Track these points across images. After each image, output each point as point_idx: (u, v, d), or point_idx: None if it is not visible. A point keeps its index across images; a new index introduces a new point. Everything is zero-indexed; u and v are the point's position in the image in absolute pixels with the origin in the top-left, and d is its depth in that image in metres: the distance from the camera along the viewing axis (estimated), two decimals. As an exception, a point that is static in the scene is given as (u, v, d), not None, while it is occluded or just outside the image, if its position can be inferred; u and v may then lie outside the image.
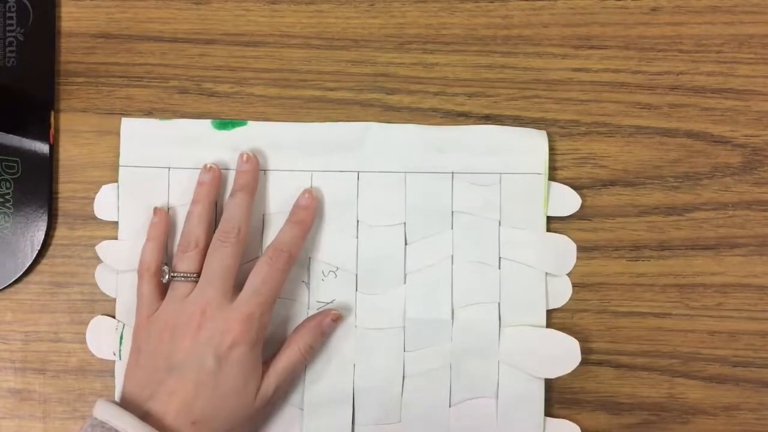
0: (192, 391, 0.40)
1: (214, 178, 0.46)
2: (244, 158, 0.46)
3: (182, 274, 0.43)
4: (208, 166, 0.46)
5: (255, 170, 0.46)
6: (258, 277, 0.42)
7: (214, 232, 0.44)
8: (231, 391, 0.40)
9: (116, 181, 0.47)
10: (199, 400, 0.40)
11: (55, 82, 0.48)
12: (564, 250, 0.47)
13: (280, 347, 0.44)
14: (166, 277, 0.44)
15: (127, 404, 0.40)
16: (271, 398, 0.43)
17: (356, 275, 0.47)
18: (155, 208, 0.46)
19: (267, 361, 0.44)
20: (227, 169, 0.47)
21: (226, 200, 0.45)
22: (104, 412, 0.39)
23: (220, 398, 0.40)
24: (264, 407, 0.43)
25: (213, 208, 0.46)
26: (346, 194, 0.47)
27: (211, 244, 0.43)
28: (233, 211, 0.44)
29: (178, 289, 0.43)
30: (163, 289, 0.44)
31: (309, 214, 0.45)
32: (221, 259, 0.42)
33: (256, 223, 0.47)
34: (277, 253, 0.43)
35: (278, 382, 0.43)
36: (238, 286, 0.43)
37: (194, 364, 0.40)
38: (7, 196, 0.48)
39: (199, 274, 0.43)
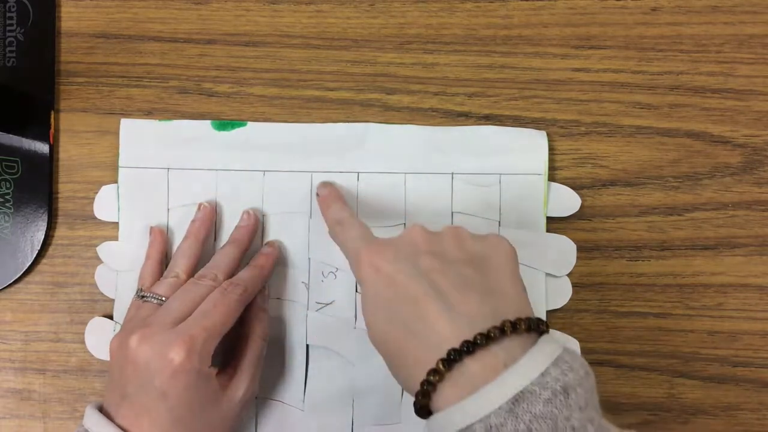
0: (146, 419, 0.38)
1: (205, 216, 0.46)
2: (245, 216, 0.46)
3: (152, 295, 0.42)
4: (201, 205, 0.46)
5: (252, 228, 0.46)
6: (209, 303, 0.41)
7: (198, 268, 0.44)
8: (186, 414, 0.39)
9: (116, 181, 0.47)
10: (155, 426, 0.38)
11: (55, 82, 0.48)
12: (564, 250, 0.47)
13: (239, 346, 0.44)
14: (137, 294, 0.44)
15: (106, 413, 0.40)
16: (244, 396, 0.42)
17: (356, 275, 0.47)
18: (151, 228, 0.47)
19: (230, 362, 0.43)
20: (226, 170, 0.47)
21: (219, 247, 0.46)
22: (88, 419, 0.39)
23: (178, 421, 0.38)
24: (237, 407, 0.42)
25: (201, 244, 0.45)
26: (346, 195, 0.47)
27: (187, 281, 0.43)
28: (218, 259, 0.44)
29: (143, 308, 0.42)
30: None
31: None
32: (185, 294, 0.42)
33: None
34: (232, 285, 0.42)
35: (249, 379, 0.42)
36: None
37: (141, 394, 0.38)
38: (7, 196, 0.48)
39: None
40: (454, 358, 0.31)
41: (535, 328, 0.33)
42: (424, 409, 0.33)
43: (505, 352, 0.31)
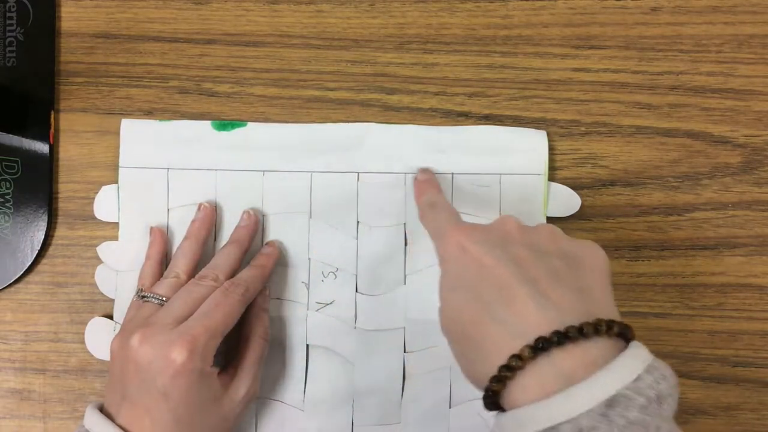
0: (147, 419, 0.38)
1: (206, 217, 0.46)
2: (245, 216, 0.46)
3: (153, 295, 0.42)
4: (201, 205, 0.46)
5: (252, 229, 0.46)
6: (211, 303, 0.41)
7: (199, 268, 0.44)
8: (187, 414, 0.38)
9: (116, 181, 0.47)
10: (156, 426, 0.38)
11: (55, 82, 0.48)
12: (564, 250, 0.47)
13: (241, 346, 0.44)
14: (137, 294, 0.44)
15: (107, 414, 0.40)
16: (245, 396, 0.42)
17: (356, 276, 0.47)
18: (151, 228, 0.47)
19: (231, 362, 0.43)
20: (226, 170, 0.47)
21: (220, 248, 0.46)
22: (88, 419, 0.39)
23: (179, 421, 0.38)
24: (239, 407, 0.42)
25: (201, 245, 0.45)
26: (346, 195, 0.47)
27: (189, 282, 0.43)
28: (219, 259, 0.44)
29: (143, 308, 0.42)
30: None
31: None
32: (187, 294, 0.41)
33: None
34: (234, 285, 0.42)
35: (251, 379, 0.42)
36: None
37: (142, 394, 0.38)
38: (7, 196, 0.48)
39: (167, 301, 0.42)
40: (542, 346, 0.29)
41: (624, 334, 0.31)
42: (494, 397, 0.31)
43: (597, 351, 0.29)
